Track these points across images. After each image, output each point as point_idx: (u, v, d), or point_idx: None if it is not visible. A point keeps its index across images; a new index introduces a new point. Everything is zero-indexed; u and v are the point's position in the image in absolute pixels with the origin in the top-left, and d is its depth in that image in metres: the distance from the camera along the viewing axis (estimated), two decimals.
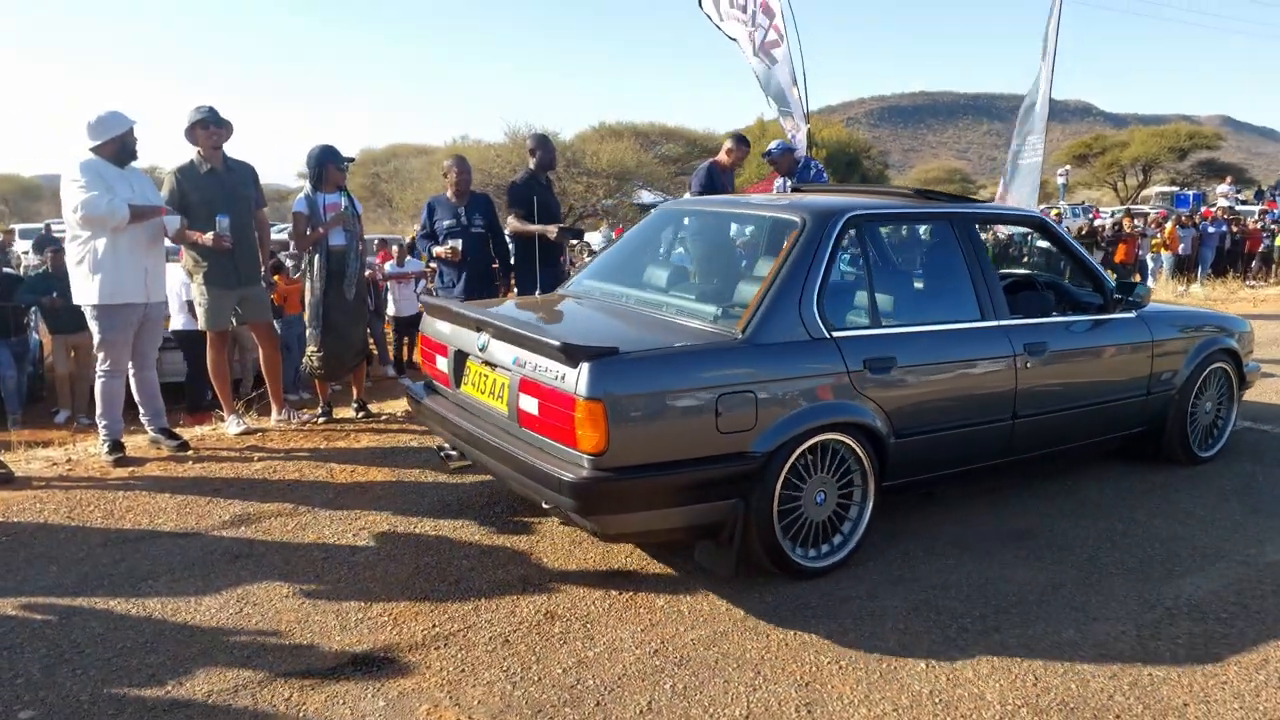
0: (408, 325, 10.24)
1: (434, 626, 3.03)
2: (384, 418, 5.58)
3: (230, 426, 5.20)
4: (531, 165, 6.04)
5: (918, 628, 3.05)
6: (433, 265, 7.61)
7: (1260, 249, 20.44)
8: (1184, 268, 18.41)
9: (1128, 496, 4.29)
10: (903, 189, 4.43)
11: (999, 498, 4.22)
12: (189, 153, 4.99)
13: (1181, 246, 18.40)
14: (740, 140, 6.84)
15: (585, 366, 2.90)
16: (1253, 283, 17.21)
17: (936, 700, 2.65)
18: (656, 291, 3.97)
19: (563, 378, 2.97)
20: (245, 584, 3.32)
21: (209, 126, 4.90)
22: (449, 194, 5.78)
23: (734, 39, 8.71)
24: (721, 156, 6.85)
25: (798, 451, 3.25)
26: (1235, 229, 20.19)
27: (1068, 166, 32.32)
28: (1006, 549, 3.68)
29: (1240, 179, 38.25)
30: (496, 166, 19.57)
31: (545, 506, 3.14)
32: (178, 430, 5.08)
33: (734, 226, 4.59)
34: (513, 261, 5.99)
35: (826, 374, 3.34)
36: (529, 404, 3.15)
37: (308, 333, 5.35)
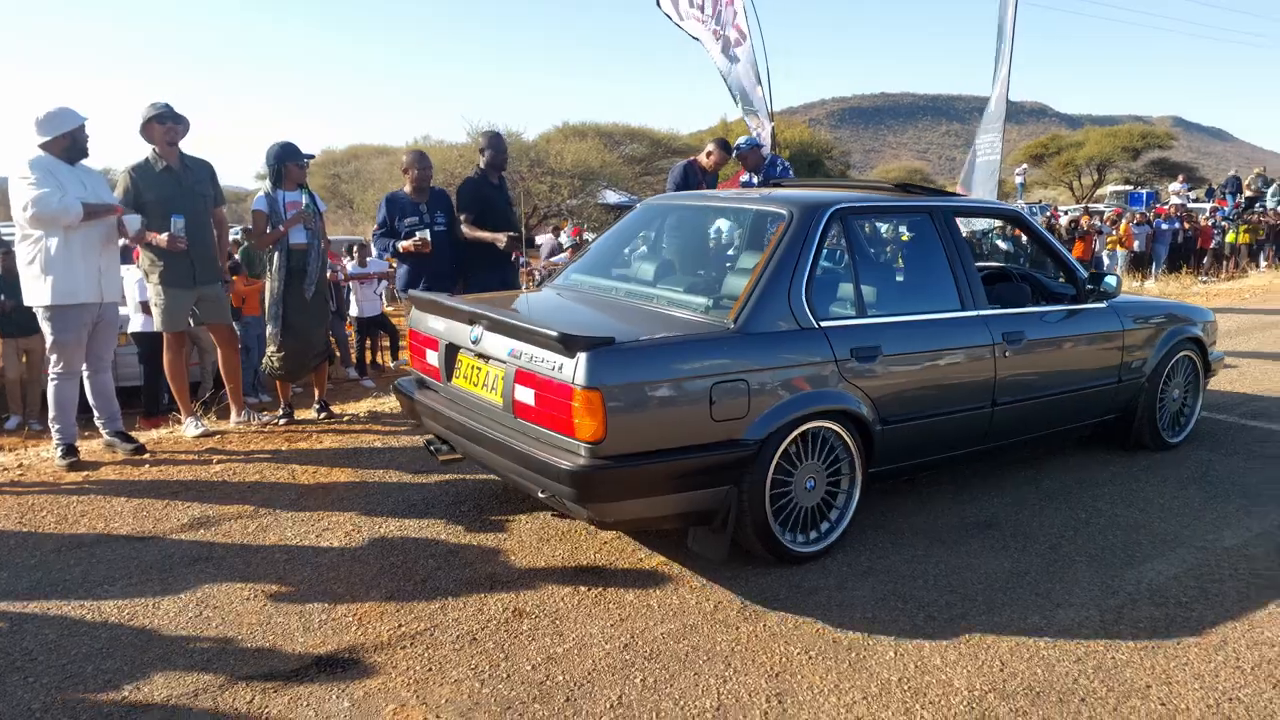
0: (370, 326, 10.12)
1: (400, 626, 2.99)
2: (346, 419, 5.50)
3: (188, 429, 5.09)
4: (481, 164, 5.87)
5: (885, 617, 3.07)
6: (393, 266, 7.47)
7: (1211, 245, 20.91)
8: (1139, 264, 18.79)
9: (1089, 486, 4.35)
10: (883, 183, 4.52)
11: (963, 490, 4.26)
12: (145, 152, 4.88)
13: (1136, 244, 18.78)
14: (724, 145, 6.79)
15: (583, 356, 2.93)
16: (1205, 278, 17.60)
17: (905, 687, 2.66)
18: (645, 284, 4.01)
19: (560, 368, 3.00)
20: (205, 587, 3.25)
21: (165, 122, 4.80)
22: (408, 190, 5.65)
23: (696, 38, 8.71)
24: (702, 158, 6.81)
25: (788, 439, 3.32)
26: (1187, 226, 20.62)
27: (1025, 165, 32.82)
28: (972, 539, 3.71)
29: (1191, 178, 39.00)
30: (459, 166, 19.40)
31: (541, 496, 3.17)
32: (133, 434, 4.97)
33: (720, 220, 4.61)
34: (467, 265, 5.88)
35: (815, 363, 3.41)
36: (525, 395, 3.17)
37: (268, 332, 5.27)
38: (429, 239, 5.46)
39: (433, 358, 3.79)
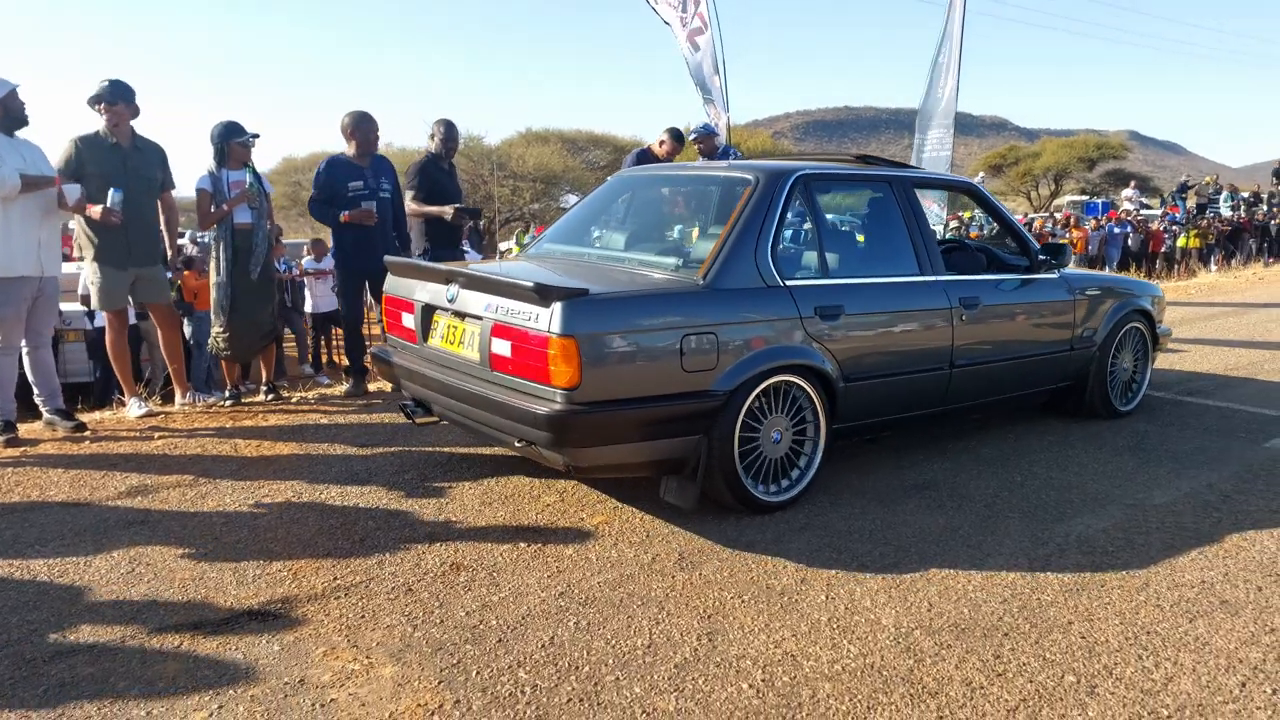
0: (325, 323, 10.03)
1: (335, 580, 2.98)
2: (295, 400, 5.47)
3: (131, 409, 5.03)
4: (432, 148, 5.86)
5: (819, 566, 3.11)
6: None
7: (1162, 249, 21.39)
8: (1091, 267, 19.16)
9: (1027, 453, 4.44)
10: (845, 154, 4.66)
11: (904, 456, 4.33)
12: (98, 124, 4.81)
13: (1090, 247, 19.16)
14: (676, 135, 6.88)
15: (558, 306, 3.03)
16: (1155, 280, 17.98)
17: (834, 626, 2.70)
18: (617, 250, 4.13)
19: (536, 318, 3.09)
20: (138, 548, 3.22)
21: (102, 102, 4.73)
22: (351, 154, 5.50)
23: (667, 23, 8.81)
24: (655, 146, 6.90)
25: (756, 391, 3.43)
26: (1139, 230, 21.07)
27: (982, 174, 33.34)
28: (910, 499, 3.77)
29: (1145, 187, 39.84)
30: None
31: (516, 447, 3.28)
32: (76, 413, 4.90)
33: (689, 189, 4.72)
34: (411, 245, 5.81)
35: (781, 319, 3.53)
36: (501, 347, 3.25)
37: (213, 313, 5.22)
38: (374, 210, 5.36)
39: (408, 320, 3.86)
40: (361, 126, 5.49)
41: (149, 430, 4.70)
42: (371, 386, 5.74)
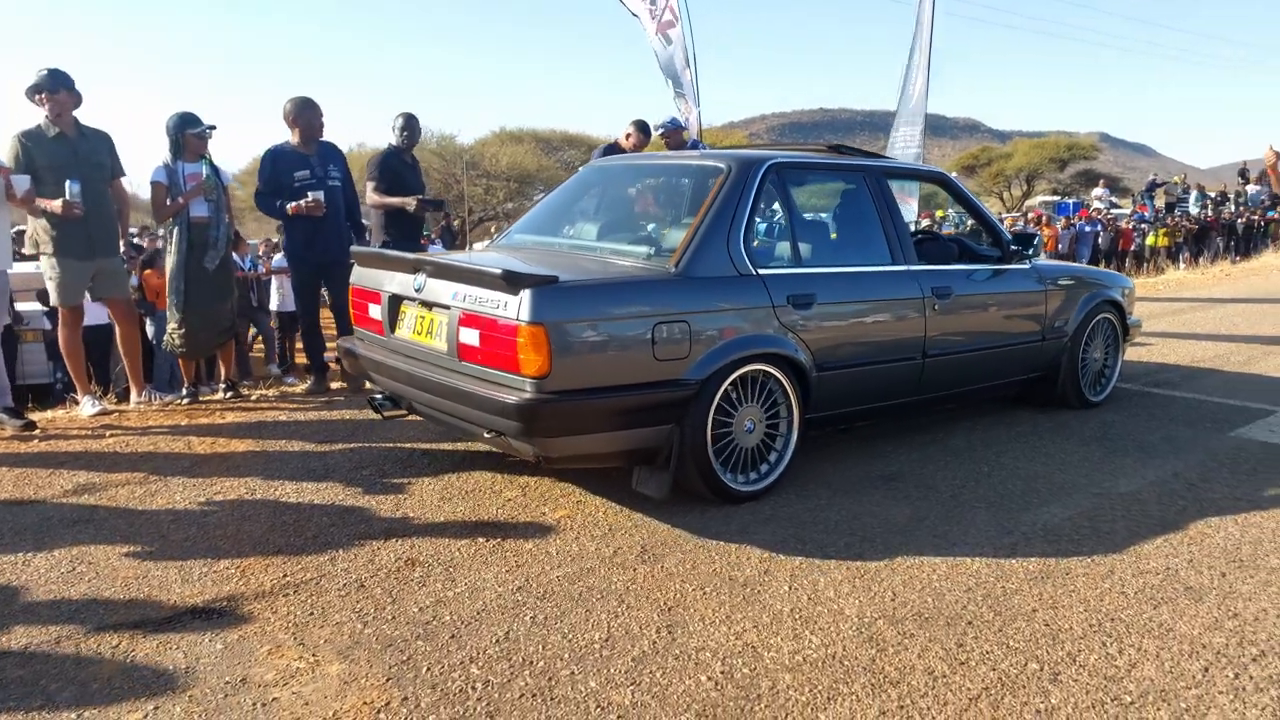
0: (293, 321, 9.87)
1: (285, 576, 2.89)
2: (254, 398, 5.35)
3: (85, 408, 4.90)
4: (394, 141, 5.75)
5: (783, 557, 3.05)
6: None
7: (1132, 247, 21.61)
8: None
9: (994, 443, 4.41)
10: (818, 144, 4.63)
11: (872, 448, 4.29)
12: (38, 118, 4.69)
13: (1059, 245, 19.30)
14: (642, 127, 6.82)
15: (527, 293, 2.97)
16: None
17: (796, 616, 2.65)
18: (589, 239, 4.08)
19: (504, 305, 3.03)
20: (82, 546, 3.11)
21: (42, 92, 4.59)
22: (295, 142, 5.30)
23: (636, 15, 8.77)
24: (622, 139, 6.85)
25: (728, 380, 3.40)
26: (1109, 228, 21.28)
27: (956, 174, 33.53)
28: (876, 490, 3.73)
29: (1115, 188, 40.27)
30: None
31: (486, 438, 3.23)
32: (26, 412, 4.77)
33: (661, 178, 4.68)
34: (369, 236, 5.70)
35: (753, 307, 3.49)
36: (470, 336, 3.19)
37: (168, 308, 5.10)
38: (322, 199, 5.19)
39: (375, 311, 3.78)
40: (304, 113, 5.28)
41: (101, 429, 4.57)
42: (335, 385, 5.63)
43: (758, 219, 3.84)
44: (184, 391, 5.26)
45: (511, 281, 2.99)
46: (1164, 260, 21.18)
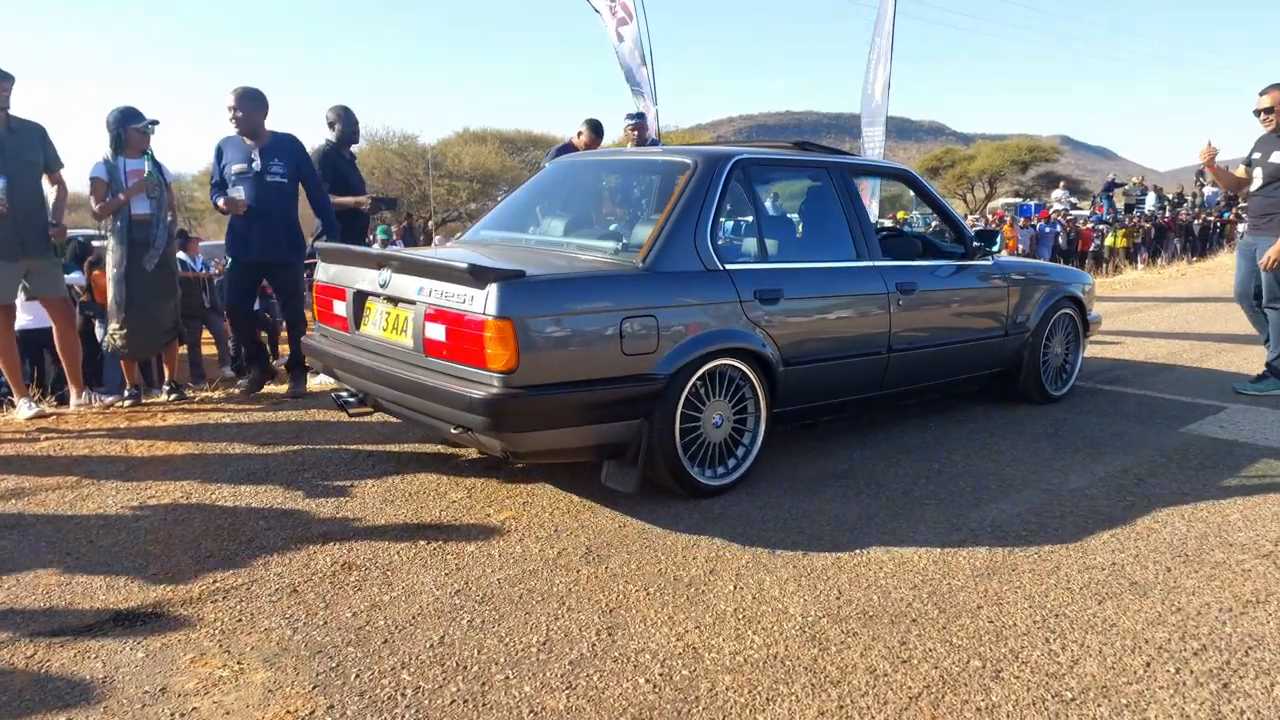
0: None
1: (215, 582, 2.79)
2: (198, 400, 5.22)
3: (21, 411, 4.75)
4: (332, 137, 5.60)
5: (730, 556, 3.01)
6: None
7: (1091, 248, 21.91)
8: None
9: (946, 441, 4.41)
10: (784, 142, 4.63)
11: (824, 446, 4.27)
12: None
13: (1020, 246, 19.50)
14: (595, 126, 6.78)
15: (494, 287, 2.95)
16: None
17: (740, 616, 2.60)
18: (556, 235, 4.05)
19: (471, 300, 3.00)
20: (3, 553, 2.99)
21: None
22: (236, 133, 5.06)
23: (598, 11, 8.72)
24: (574, 139, 6.81)
25: (696, 375, 3.40)
26: (1068, 229, 21.56)
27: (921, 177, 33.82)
28: (828, 488, 3.70)
29: (1075, 190, 40.85)
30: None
31: (453, 434, 3.20)
32: None
33: (628, 173, 4.65)
34: (323, 238, 5.56)
35: (720, 302, 3.50)
36: (436, 331, 3.16)
37: (110, 307, 4.96)
38: (241, 196, 4.96)
39: (340, 307, 3.74)
40: (241, 104, 4.98)
41: (36, 432, 4.43)
42: (272, 388, 5.52)
43: (724, 215, 3.84)
44: (126, 393, 5.12)
45: (478, 276, 2.97)
46: (1122, 260, 21.50)
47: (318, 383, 5.32)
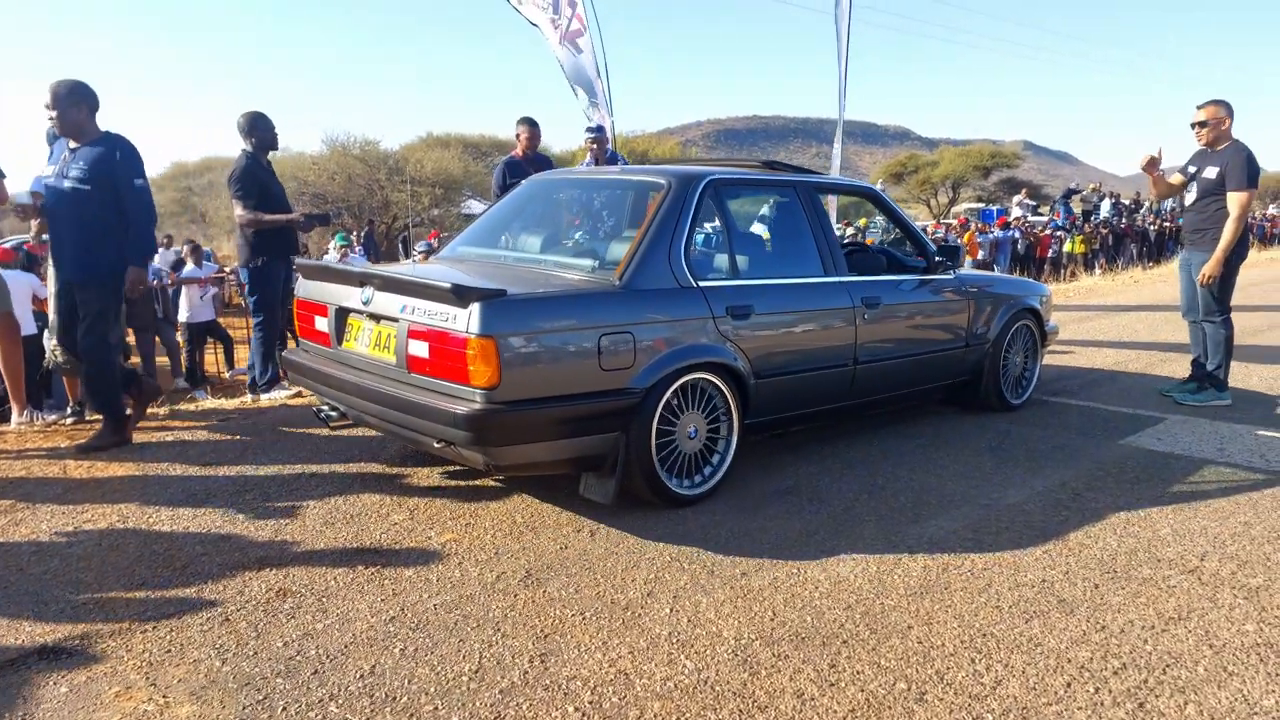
0: (200, 334, 9.57)
1: (146, 611, 2.76)
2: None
3: None
4: (249, 148, 5.40)
5: (669, 578, 3.03)
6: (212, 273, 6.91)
7: (1049, 254, 22.23)
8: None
9: (892, 455, 4.46)
10: (752, 160, 4.75)
11: (770, 461, 4.30)
12: None
13: (981, 253, 19.76)
14: (530, 122, 6.80)
15: (476, 306, 3.04)
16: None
17: (674, 640, 2.62)
18: (533, 253, 4.14)
19: (454, 318, 3.09)
20: None
21: None
22: (61, 134, 4.45)
23: (535, 24, 8.71)
24: (516, 144, 6.84)
25: (671, 389, 3.51)
26: (1027, 236, 21.86)
27: (883, 181, 34.23)
28: (771, 505, 3.73)
29: (1037, 195, 41.44)
30: (312, 175, 18.79)
31: (435, 448, 3.28)
32: None
33: (603, 193, 4.71)
34: (254, 254, 5.37)
35: (694, 318, 3.62)
36: (419, 349, 3.24)
37: (50, 323, 4.87)
38: (29, 203, 4.57)
39: (322, 324, 3.80)
40: (57, 102, 4.28)
41: None
42: (228, 403, 5.46)
43: (697, 233, 3.96)
44: (68, 410, 5.04)
45: (461, 295, 3.04)
46: (1079, 267, 21.85)
47: (224, 401, 5.26)
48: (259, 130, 5.46)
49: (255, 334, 5.67)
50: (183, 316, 9.55)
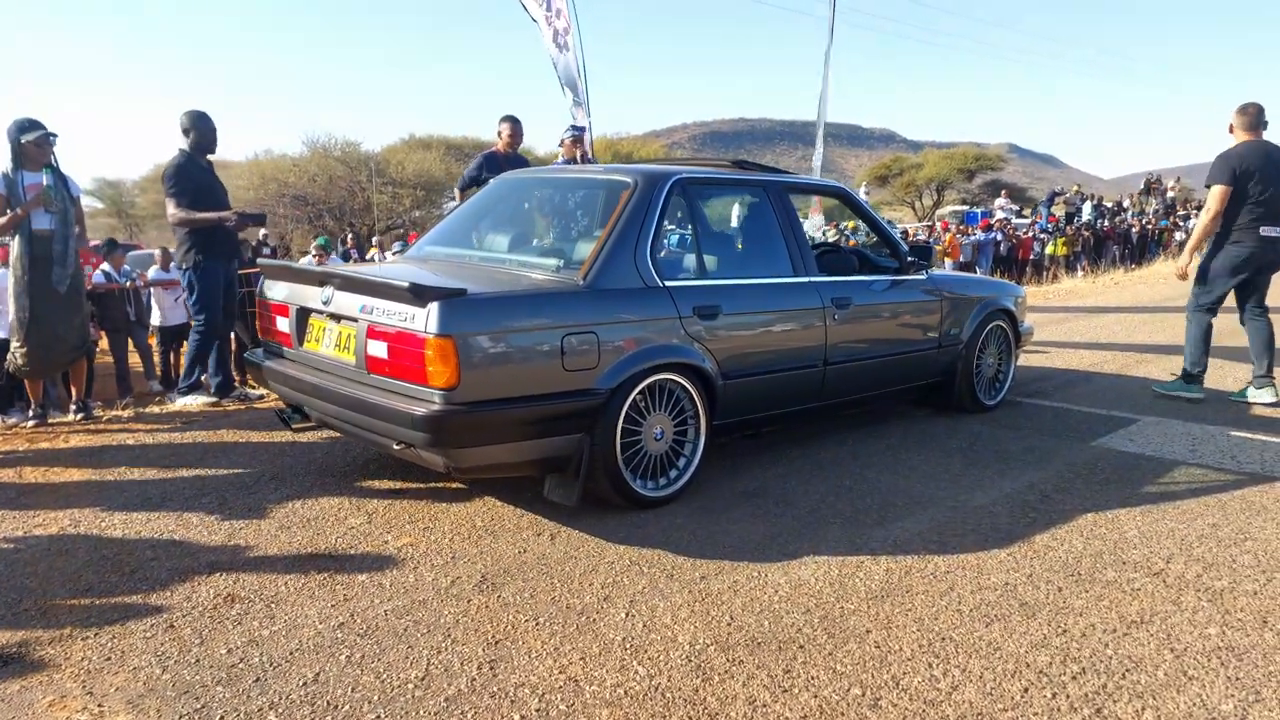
0: (174, 336, 9.45)
1: (88, 618, 2.69)
2: (106, 419, 5.07)
3: None
4: (186, 146, 5.34)
5: (626, 582, 2.98)
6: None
7: (1031, 256, 22.31)
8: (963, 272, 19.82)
9: (861, 456, 4.43)
10: (722, 160, 4.71)
11: (738, 463, 4.26)
12: None
13: (962, 255, 19.82)
14: (513, 120, 6.75)
15: (434, 306, 2.98)
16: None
17: (627, 646, 2.57)
18: (499, 252, 4.09)
19: (412, 318, 3.04)
20: None
21: None
22: None
23: (535, 20, 8.67)
24: (497, 142, 6.79)
25: (637, 389, 3.46)
26: (1009, 238, 21.93)
27: (867, 184, 34.30)
28: (736, 508, 3.69)
29: (1021, 198, 41.64)
30: (293, 176, 18.66)
31: (395, 450, 3.22)
32: None
33: (570, 191, 4.66)
34: (190, 254, 5.28)
35: (660, 318, 3.57)
36: (378, 349, 3.19)
37: (11, 325, 4.79)
38: None
39: (283, 324, 3.75)
40: None
41: None
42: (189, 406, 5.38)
43: (664, 233, 3.92)
44: (30, 414, 4.95)
45: (419, 294, 2.99)
46: (1061, 269, 21.93)
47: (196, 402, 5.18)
48: (198, 128, 5.36)
49: (192, 336, 5.57)
50: (155, 320, 9.44)
